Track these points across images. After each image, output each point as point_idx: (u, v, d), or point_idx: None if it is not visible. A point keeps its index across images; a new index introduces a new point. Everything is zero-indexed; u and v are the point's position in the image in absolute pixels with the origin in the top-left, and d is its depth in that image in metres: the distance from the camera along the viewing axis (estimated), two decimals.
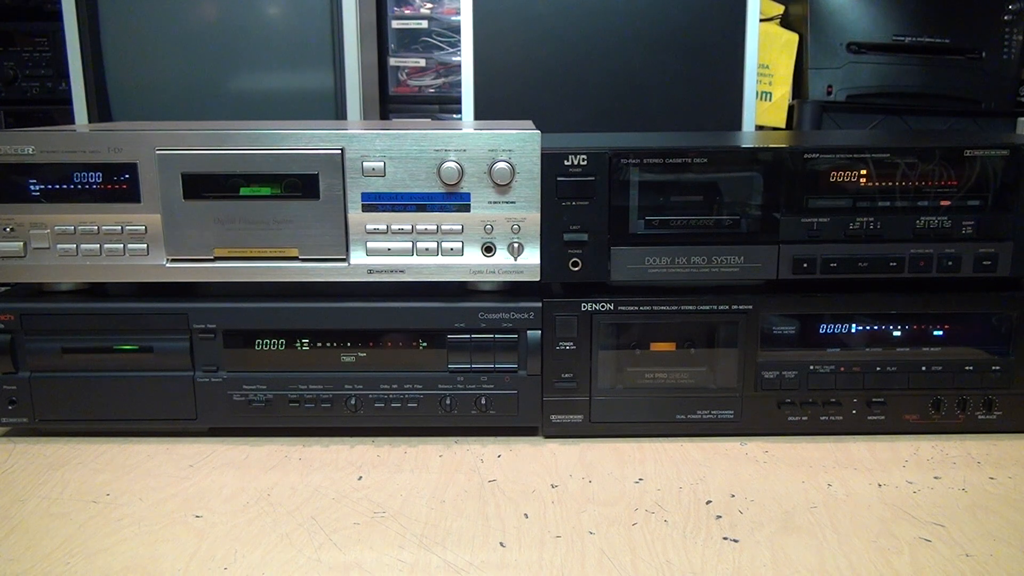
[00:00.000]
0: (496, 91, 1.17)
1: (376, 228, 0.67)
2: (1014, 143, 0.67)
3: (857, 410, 0.70)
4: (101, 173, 0.66)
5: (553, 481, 0.63)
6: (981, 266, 0.68)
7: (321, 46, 1.23)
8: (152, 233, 0.67)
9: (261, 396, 0.69)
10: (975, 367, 0.70)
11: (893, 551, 0.53)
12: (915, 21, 1.37)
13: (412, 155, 0.66)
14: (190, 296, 0.70)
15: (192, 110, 1.25)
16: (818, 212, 0.67)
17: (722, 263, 0.68)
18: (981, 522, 0.57)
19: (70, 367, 0.69)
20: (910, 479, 0.63)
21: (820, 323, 0.70)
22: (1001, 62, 1.39)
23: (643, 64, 1.17)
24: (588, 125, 1.17)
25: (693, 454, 0.68)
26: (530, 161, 0.66)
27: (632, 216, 0.68)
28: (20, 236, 0.68)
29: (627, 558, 0.52)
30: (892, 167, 0.67)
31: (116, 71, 1.25)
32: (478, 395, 0.70)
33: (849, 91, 1.38)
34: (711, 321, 0.69)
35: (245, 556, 0.53)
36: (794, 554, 0.53)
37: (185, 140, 0.66)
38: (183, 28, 1.24)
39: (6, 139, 0.66)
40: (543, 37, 1.17)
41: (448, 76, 1.48)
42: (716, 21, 1.16)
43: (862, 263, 0.68)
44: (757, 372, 0.70)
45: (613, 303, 0.68)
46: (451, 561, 0.52)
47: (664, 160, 0.67)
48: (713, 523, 0.57)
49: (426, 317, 0.68)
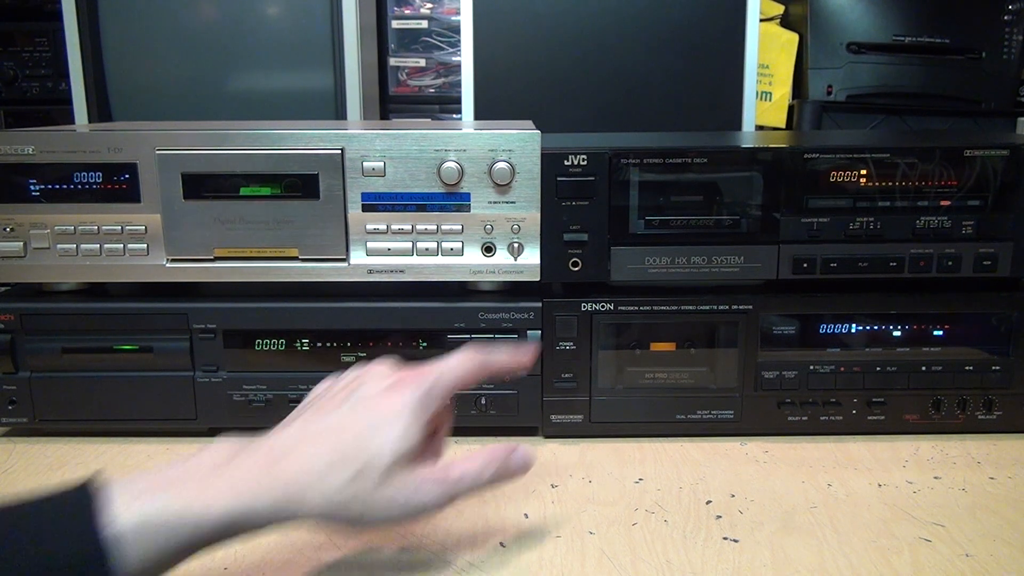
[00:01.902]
0: (496, 91, 1.17)
1: (376, 228, 0.67)
2: (1014, 143, 0.67)
3: (857, 410, 0.70)
4: (101, 173, 0.66)
5: (553, 481, 0.63)
6: (981, 266, 0.68)
7: (321, 46, 1.23)
8: (152, 233, 0.67)
9: (261, 396, 0.69)
10: (975, 367, 0.70)
11: (893, 551, 0.53)
12: (915, 21, 1.37)
13: (412, 155, 0.66)
14: (190, 296, 0.70)
15: (192, 110, 1.25)
16: (818, 212, 0.67)
17: (722, 263, 0.68)
18: (981, 522, 0.57)
19: (70, 367, 0.69)
20: (910, 479, 0.63)
21: (820, 323, 0.70)
22: (1001, 62, 1.38)
23: (643, 64, 1.17)
24: (588, 125, 1.17)
25: (693, 454, 0.68)
26: (530, 161, 0.66)
27: (632, 216, 0.68)
28: (20, 236, 0.68)
29: (627, 558, 0.52)
30: (892, 167, 0.67)
31: (116, 71, 1.25)
32: (478, 395, 0.70)
33: (849, 91, 1.38)
34: (711, 321, 0.69)
35: (246, 556, 0.53)
36: (794, 554, 0.53)
37: (185, 140, 0.66)
38: (183, 28, 1.24)
39: (6, 139, 0.66)
40: (543, 37, 1.17)
41: (448, 76, 1.48)
42: (716, 21, 1.16)
43: (862, 263, 0.68)
44: (757, 372, 0.70)
45: (613, 303, 0.68)
46: (451, 561, 0.52)
47: (664, 160, 0.67)
48: (713, 523, 0.57)
49: (426, 317, 0.68)
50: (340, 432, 0.43)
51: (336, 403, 0.45)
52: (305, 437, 0.43)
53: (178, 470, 0.40)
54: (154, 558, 0.37)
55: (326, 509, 0.41)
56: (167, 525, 0.37)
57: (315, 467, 0.41)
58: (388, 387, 0.46)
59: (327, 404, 0.46)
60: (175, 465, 0.41)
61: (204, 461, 0.41)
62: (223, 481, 0.40)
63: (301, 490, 0.41)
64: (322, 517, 0.42)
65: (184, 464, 0.41)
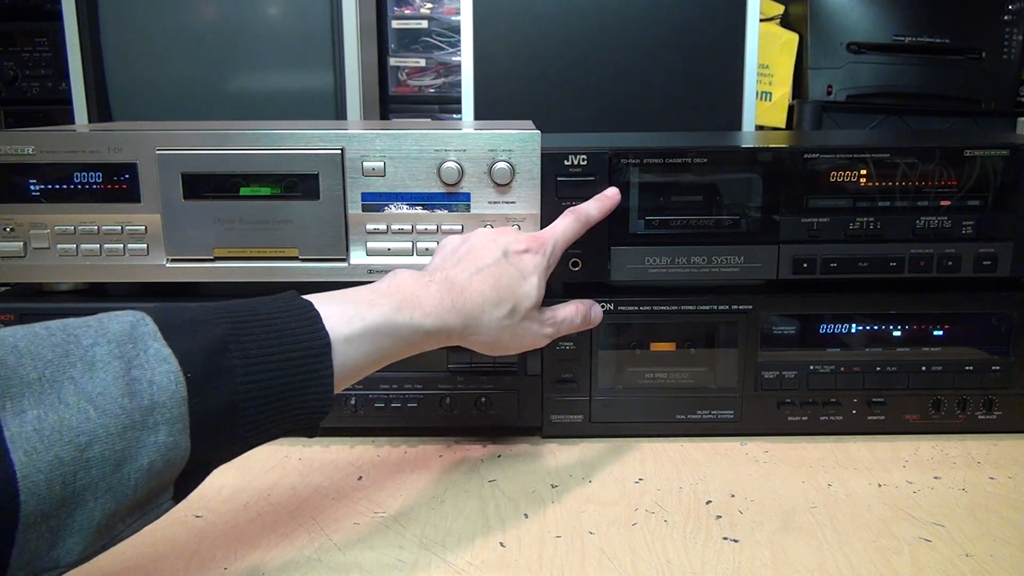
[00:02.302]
0: (496, 91, 1.17)
1: (376, 228, 0.67)
2: (1014, 143, 0.67)
3: (857, 410, 0.70)
4: (101, 173, 0.66)
5: (553, 481, 0.63)
6: (981, 266, 0.68)
7: (321, 46, 1.23)
8: (152, 233, 0.67)
9: None
10: (975, 367, 0.70)
11: (893, 551, 0.53)
12: (915, 21, 1.37)
13: (412, 155, 0.66)
14: (190, 296, 0.70)
15: (192, 110, 1.25)
16: (818, 212, 0.67)
17: (722, 263, 0.68)
18: (981, 522, 0.57)
19: None
20: (910, 479, 0.63)
21: (820, 323, 0.70)
22: (1001, 62, 1.39)
23: (643, 64, 1.17)
24: (588, 125, 1.17)
25: (693, 454, 0.68)
26: (530, 161, 0.66)
27: (632, 216, 0.68)
28: (20, 236, 0.68)
29: (627, 558, 0.52)
30: (892, 167, 0.67)
31: (116, 71, 1.25)
32: (478, 395, 0.70)
33: (849, 91, 1.38)
34: (711, 321, 0.69)
35: (245, 556, 0.53)
36: (794, 554, 0.53)
37: (185, 140, 0.66)
38: (183, 28, 1.24)
39: (6, 139, 0.66)
40: (543, 37, 1.17)
41: (448, 76, 1.48)
42: (716, 21, 1.16)
43: (862, 263, 0.68)
44: (757, 372, 0.70)
45: (613, 303, 0.68)
46: (451, 561, 0.52)
47: (664, 160, 0.67)
48: (713, 523, 0.57)
49: None
50: (499, 277, 0.55)
51: (490, 253, 0.56)
52: (474, 276, 0.54)
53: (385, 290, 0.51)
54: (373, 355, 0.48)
55: (486, 334, 0.54)
56: (392, 332, 0.49)
57: (486, 301, 0.54)
58: (524, 248, 0.58)
59: (482, 252, 0.56)
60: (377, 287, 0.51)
61: (402, 284, 0.51)
62: (427, 303, 0.51)
63: (476, 317, 0.53)
64: (481, 338, 0.55)
65: (385, 286, 0.51)
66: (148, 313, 0.41)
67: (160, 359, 0.39)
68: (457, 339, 0.54)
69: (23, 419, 0.34)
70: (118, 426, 0.36)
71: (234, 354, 0.41)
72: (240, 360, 0.41)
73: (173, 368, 0.39)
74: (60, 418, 0.35)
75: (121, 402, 0.37)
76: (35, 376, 0.36)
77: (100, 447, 0.36)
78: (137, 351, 0.39)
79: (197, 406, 0.39)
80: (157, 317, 0.41)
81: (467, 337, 0.54)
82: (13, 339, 0.37)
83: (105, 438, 0.36)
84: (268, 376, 0.42)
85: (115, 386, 0.37)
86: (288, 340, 0.44)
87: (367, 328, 0.47)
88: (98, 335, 0.39)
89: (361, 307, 0.48)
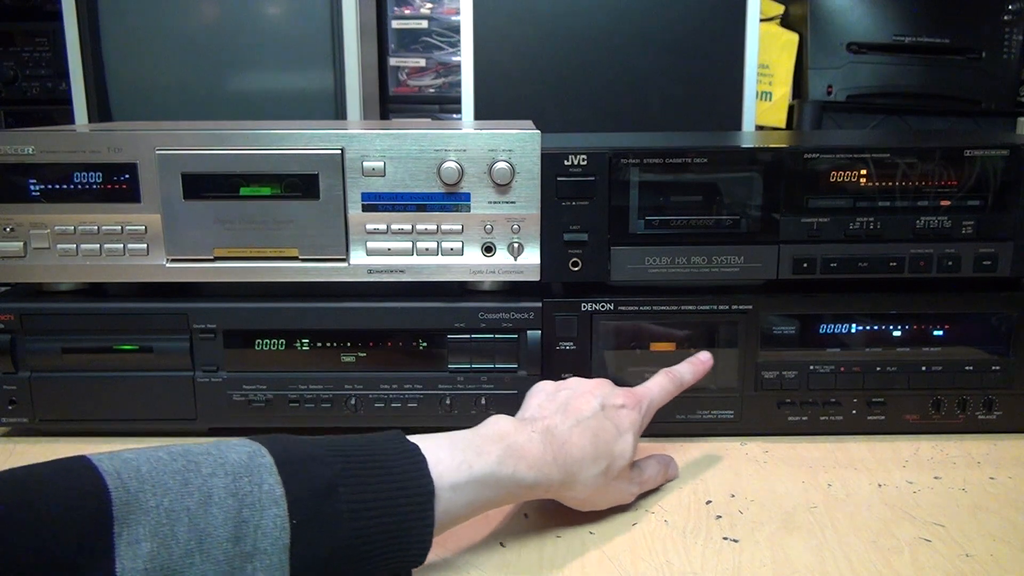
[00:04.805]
0: (496, 91, 1.17)
1: (376, 228, 0.67)
2: (1014, 143, 0.67)
3: (857, 410, 0.70)
4: (101, 173, 0.66)
5: None
6: (981, 266, 0.68)
7: (321, 46, 1.23)
8: (152, 233, 0.67)
9: (261, 396, 0.69)
10: (975, 367, 0.70)
11: (893, 551, 0.53)
12: (915, 21, 1.37)
13: (412, 155, 0.66)
14: (190, 296, 0.70)
15: (192, 110, 1.25)
16: (818, 212, 0.67)
17: (722, 263, 0.68)
18: (981, 522, 0.57)
19: (70, 367, 0.69)
20: (910, 479, 0.63)
21: (820, 323, 0.70)
22: (1001, 62, 1.39)
23: (643, 64, 1.17)
24: (588, 125, 1.17)
25: (693, 454, 0.68)
26: (530, 161, 0.66)
27: (632, 216, 0.68)
28: (20, 236, 0.68)
29: (627, 558, 0.52)
30: (892, 167, 0.67)
31: (116, 71, 1.25)
32: (478, 395, 0.70)
33: (849, 91, 1.38)
34: (711, 321, 0.69)
35: None
36: (794, 554, 0.53)
37: (185, 140, 0.66)
38: (183, 28, 1.24)
39: (6, 139, 0.66)
40: (543, 37, 1.17)
41: (448, 76, 1.48)
42: (716, 21, 1.16)
43: (862, 263, 0.68)
44: (757, 372, 0.70)
45: (613, 303, 0.68)
46: (451, 561, 0.52)
47: (664, 160, 0.67)
48: (713, 523, 0.57)
49: (426, 317, 0.68)
50: (598, 432, 0.54)
51: (589, 405, 0.55)
52: (574, 429, 0.53)
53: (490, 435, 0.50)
54: (474, 505, 0.48)
55: (581, 490, 0.53)
56: (495, 483, 0.49)
57: (585, 456, 0.52)
58: (622, 404, 0.56)
59: (580, 404, 0.55)
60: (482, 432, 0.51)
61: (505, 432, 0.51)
62: (530, 455, 0.50)
63: (574, 474, 0.52)
64: (575, 494, 0.53)
65: (489, 431, 0.51)
66: (264, 444, 0.44)
67: (272, 500, 0.41)
68: (553, 493, 0.53)
69: (136, 551, 0.37)
70: (218, 572, 0.39)
71: (342, 498, 0.43)
72: (347, 505, 0.43)
73: (281, 513, 0.41)
74: (170, 558, 0.37)
75: (225, 548, 0.39)
76: (154, 504, 0.38)
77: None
78: (252, 487, 0.41)
79: (298, 553, 0.41)
80: (274, 449, 0.43)
81: (562, 492, 0.53)
82: (136, 462, 0.40)
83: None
84: (372, 523, 0.43)
85: (223, 529, 0.39)
86: (396, 485, 0.45)
87: (472, 478, 0.48)
88: (216, 465, 0.41)
89: (469, 454, 0.48)
